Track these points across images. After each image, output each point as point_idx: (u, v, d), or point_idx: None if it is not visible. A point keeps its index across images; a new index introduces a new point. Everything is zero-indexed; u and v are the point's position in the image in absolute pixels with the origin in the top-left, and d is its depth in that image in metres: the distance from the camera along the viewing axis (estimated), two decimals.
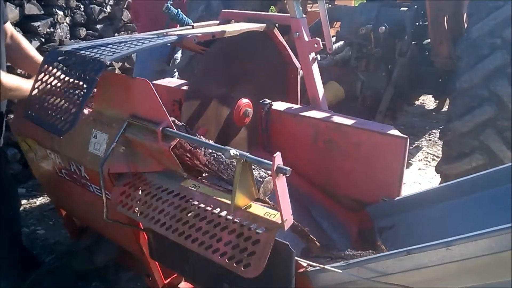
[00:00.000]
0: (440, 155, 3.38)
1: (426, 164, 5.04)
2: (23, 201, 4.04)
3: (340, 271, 1.57)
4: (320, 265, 1.63)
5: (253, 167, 1.61)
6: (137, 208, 1.84)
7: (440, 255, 1.37)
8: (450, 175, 3.07)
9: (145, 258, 2.18)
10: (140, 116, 1.90)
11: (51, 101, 2.02)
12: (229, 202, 1.64)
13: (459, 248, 1.33)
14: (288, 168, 1.46)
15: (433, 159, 5.07)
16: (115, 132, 1.92)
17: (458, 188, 2.16)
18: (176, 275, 2.37)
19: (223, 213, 1.65)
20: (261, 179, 1.76)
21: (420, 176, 4.74)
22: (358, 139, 2.42)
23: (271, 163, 1.45)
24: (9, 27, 2.59)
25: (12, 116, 4.21)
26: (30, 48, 2.67)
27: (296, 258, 1.60)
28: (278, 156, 1.45)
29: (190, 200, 1.75)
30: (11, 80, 2.30)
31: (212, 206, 1.69)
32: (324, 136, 2.53)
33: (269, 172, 1.67)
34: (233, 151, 1.54)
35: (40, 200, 4.15)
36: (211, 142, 1.84)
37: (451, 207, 2.16)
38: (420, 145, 5.55)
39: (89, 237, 2.81)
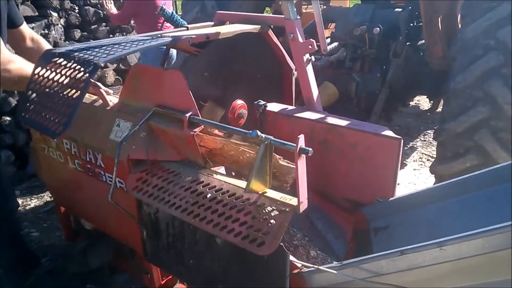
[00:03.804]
0: (435, 156, 3.39)
1: (421, 164, 5.05)
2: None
3: (335, 272, 1.57)
4: (315, 266, 1.63)
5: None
6: (153, 193, 1.86)
7: (434, 255, 1.38)
8: (445, 176, 3.07)
9: (141, 260, 2.17)
10: (167, 106, 1.96)
11: (45, 103, 2.01)
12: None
13: (453, 248, 1.34)
14: (310, 149, 1.50)
15: (428, 160, 5.09)
16: (139, 121, 1.97)
17: (453, 188, 2.16)
18: (171, 276, 2.37)
19: (240, 196, 1.69)
20: None
21: (415, 177, 4.75)
22: (353, 140, 2.43)
23: (294, 144, 1.50)
24: (26, 30, 2.53)
25: (6, 118, 4.20)
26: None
27: (290, 259, 1.60)
28: (301, 138, 1.51)
29: (207, 185, 1.79)
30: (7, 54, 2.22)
31: (228, 190, 1.74)
32: (319, 137, 2.53)
33: None
34: (258, 132, 1.61)
35: (34, 203, 4.13)
36: (236, 128, 1.89)
37: (445, 207, 2.17)
38: (415, 146, 5.56)
39: (83, 239, 2.80)
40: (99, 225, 2.59)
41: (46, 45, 2.62)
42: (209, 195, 1.73)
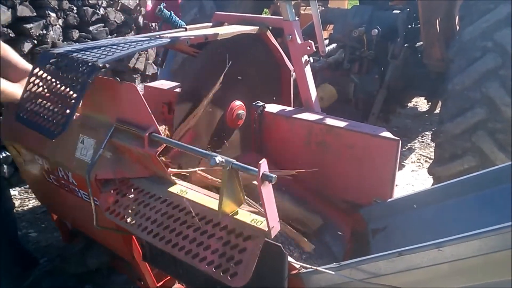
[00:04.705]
0: (433, 157, 3.40)
1: (419, 165, 5.07)
2: (16, 204, 4.02)
3: (333, 273, 1.57)
4: (313, 267, 1.63)
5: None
6: (124, 215, 1.83)
7: (432, 256, 1.38)
8: (443, 177, 3.08)
9: (136, 262, 2.17)
10: (127, 121, 1.89)
11: (43, 104, 2.01)
12: (216, 208, 1.63)
13: (450, 249, 1.34)
14: (274, 176, 1.41)
15: (426, 161, 5.10)
16: (102, 138, 1.91)
17: (450, 189, 2.17)
18: (169, 277, 2.37)
19: (210, 220, 1.64)
20: None
21: (413, 178, 4.76)
22: (351, 141, 2.43)
23: (256, 170, 1.42)
24: None
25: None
26: (18, 58, 2.52)
27: (288, 259, 1.60)
28: (263, 163, 1.42)
29: (178, 206, 1.74)
30: None
31: (199, 213, 1.69)
32: (317, 138, 2.53)
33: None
34: (219, 158, 1.52)
35: (32, 203, 4.12)
36: (197, 148, 1.78)
37: (443, 208, 2.17)
38: (413, 147, 5.57)
39: (81, 240, 2.80)
40: (89, 234, 2.58)
41: (12, 53, 2.51)
42: (179, 219, 1.69)
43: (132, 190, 1.91)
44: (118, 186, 1.94)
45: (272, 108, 2.75)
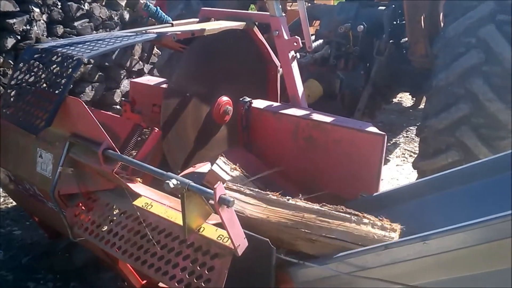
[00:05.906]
0: (417, 152, 3.43)
1: (404, 160, 5.11)
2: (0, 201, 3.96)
3: (320, 267, 1.58)
4: (300, 261, 1.64)
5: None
6: (93, 230, 1.81)
7: (417, 249, 1.40)
8: (427, 171, 3.12)
9: (118, 264, 2.15)
10: (81, 135, 1.85)
11: (27, 99, 1.99)
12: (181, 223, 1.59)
13: (436, 242, 1.36)
14: (232, 199, 1.36)
15: (410, 155, 5.14)
16: (59, 152, 1.88)
17: (435, 183, 2.19)
18: None
19: (177, 237, 1.63)
20: None
21: (397, 172, 4.81)
22: (337, 136, 2.45)
23: (212, 192, 1.36)
24: None
25: None
26: None
27: (276, 254, 1.61)
28: (219, 187, 1.36)
29: (144, 221, 1.72)
30: None
31: (165, 228, 1.67)
32: (304, 134, 2.55)
33: None
34: (173, 182, 1.47)
35: None
36: (152, 167, 1.69)
37: (428, 202, 2.20)
38: (398, 142, 5.62)
39: (67, 237, 2.77)
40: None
41: None
42: (146, 235, 1.67)
43: (98, 204, 1.88)
44: (83, 200, 1.92)
45: (259, 103, 2.75)
